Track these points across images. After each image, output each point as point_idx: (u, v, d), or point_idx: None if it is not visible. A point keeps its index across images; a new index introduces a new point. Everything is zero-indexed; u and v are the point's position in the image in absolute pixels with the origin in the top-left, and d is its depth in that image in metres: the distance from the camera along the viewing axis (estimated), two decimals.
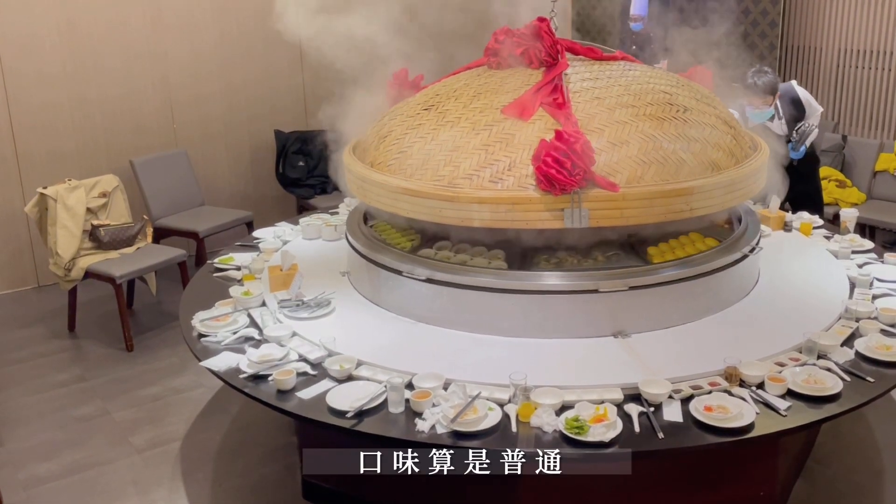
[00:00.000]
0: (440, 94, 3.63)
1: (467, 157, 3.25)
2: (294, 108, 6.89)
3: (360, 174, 3.55)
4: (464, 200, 3.17)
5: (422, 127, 3.47)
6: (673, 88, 3.52)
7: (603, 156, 3.14)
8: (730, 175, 3.31)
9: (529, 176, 3.14)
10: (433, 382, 2.85)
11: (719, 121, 3.51)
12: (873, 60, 6.94)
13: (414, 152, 3.39)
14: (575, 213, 3.08)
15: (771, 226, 4.27)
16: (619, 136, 3.23)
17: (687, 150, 3.26)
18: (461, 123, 3.37)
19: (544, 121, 3.27)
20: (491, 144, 3.25)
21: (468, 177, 3.20)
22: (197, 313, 3.50)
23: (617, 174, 3.13)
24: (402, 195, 3.32)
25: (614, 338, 3.17)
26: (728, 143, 3.43)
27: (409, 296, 3.40)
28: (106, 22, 5.92)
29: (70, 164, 5.90)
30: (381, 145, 3.58)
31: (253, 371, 3.02)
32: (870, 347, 3.06)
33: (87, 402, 4.39)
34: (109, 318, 5.31)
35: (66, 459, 3.88)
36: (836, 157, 6.22)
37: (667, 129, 3.29)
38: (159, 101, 6.26)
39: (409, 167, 3.37)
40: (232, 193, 6.68)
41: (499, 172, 3.18)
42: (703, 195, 3.21)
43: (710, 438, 2.59)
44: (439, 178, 3.25)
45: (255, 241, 4.43)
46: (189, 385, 4.53)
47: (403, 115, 3.63)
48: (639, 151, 3.19)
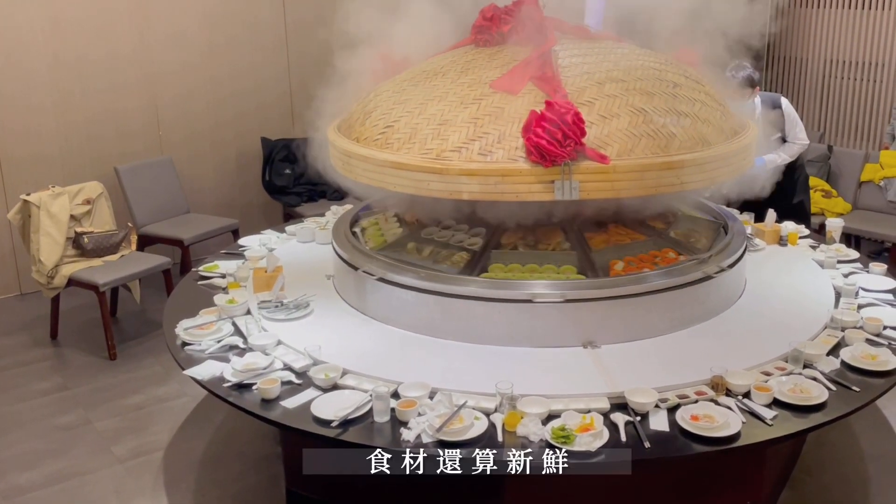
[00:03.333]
0: (427, 70, 3.58)
1: (456, 130, 3.20)
2: (281, 115, 6.88)
3: (345, 149, 3.47)
4: (452, 173, 3.11)
5: (409, 102, 3.41)
6: (662, 66, 3.50)
7: (593, 129, 3.10)
8: (721, 149, 3.28)
9: (519, 149, 3.09)
10: (419, 391, 2.83)
11: (709, 97, 3.49)
12: (859, 71, 6.99)
13: (401, 126, 3.33)
14: (565, 185, 3.03)
15: (766, 240, 4.27)
16: (610, 109, 3.19)
17: (677, 124, 3.24)
18: (449, 98, 3.32)
19: (534, 94, 3.23)
20: (480, 118, 3.20)
21: (457, 150, 3.15)
22: (181, 321, 3.47)
23: (607, 147, 3.10)
24: (389, 169, 3.25)
25: (583, 348, 3.16)
26: (718, 118, 3.41)
27: (394, 304, 3.38)
28: (92, 28, 5.88)
29: (54, 170, 5.85)
30: (367, 121, 3.50)
31: (237, 380, 2.99)
32: (855, 357, 3.07)
33: (68, 411, 4.34)
34: (92, 326, 5.26)
35: (48, 469, 3.84)
36: (821, 167, 6.25)
37: (657, 103, 3.26)
38: (145, 108, 6.22)
39: (395, 142, 3.31)
40: (218, 201, 6.64)
41: (488, 145, 3.13)
42: (694, 169, 3.18)
43: (696, 448, 2.59)
44: (427, 152, 3.19)
45: (240, 248, 4.40)
46: (172, 394, 4.49)
47: (390, 91, 3.57)
48: (629, 125, 3.16)
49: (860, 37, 6.93)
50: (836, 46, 7.11)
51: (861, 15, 6.91)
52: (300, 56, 6.79)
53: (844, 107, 7.17)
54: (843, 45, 7.06)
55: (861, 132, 7.10)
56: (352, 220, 4.00)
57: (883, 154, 6.07)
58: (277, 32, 6.71)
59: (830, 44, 7.15)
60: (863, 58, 6.95)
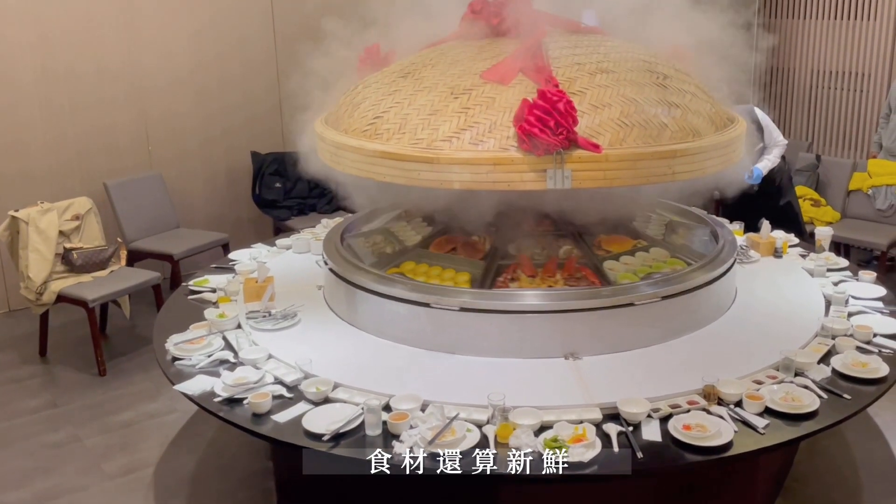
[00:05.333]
0: (416, 62, 3.56)
1: (446, 120, 3.17)
2: (271, 129, 6.87)
3: (334, 141, 3.43)
4: (444, 162, 3.07)
5: (398, 93, 3.39)
6: (652, 58, 3.49)
7: (585, 118, 3.09)
8: (713, 140, 3.27)
9: (511, 138, 3.07)
10: (411, 404, 2.81)
11: (699, 90, 3.49)
12: (845, 82, 7.04)
13: (390, 117, 3.30)
14: (557, 174, 3.01)
15: (760, 251, 4.27)
16: (601, 98, 3.18)
17: (668, 115, 3.23)
18: (439, 88, 3.30)
19: (525, 84, 3.21)
20: (471, 108, 3.18)
21: (447, 139, 3.12)
22: (171, 336, 3.45)
23: (599, 136, 3.08)
24: (379, 159, 3.21)
25: (565, 359, 3.15)
26: (708, 110, 3.41)
27: (385, 316, 3.38)
28: (80, 43, 5.87)
29: (42, 186, 5.82)
30: (356, 112, 3.47)
31: (228, 394, 2.97)
32: (846, 365, 3.07)
33: (58, 429, 4.31)
34: (82, 342, 5.22)
35: (37, 487, 3.79)
36: (810, 176, 6.28)
37: (648, 93, 3.25)
38: (134, 123, 6.21)
39: (385, 132, 3.27)
40: (207, 215, 6.62)
41: (479, 134, 3.11)
42: (686, 159, 3.17)
43: (689, 457, 2.58)
44: (417, 141, 3.16)
45: (230, 263, 4.38)
46: (163, 410, 4.46)
47: (378, 83, 3.54)
48: (620, 114, 3.14)
49: (847, 47, 6.98)
50: (822, 57, 7.17)
51: (847, 26, 6.97)
52: (289, 69, 6.78)
53: (832, 116, 7.22)
54: (829, 55, 7.12)
55: (848, 141, 7.14)
56: (343, 232, 4.00)
57: (871, 163, 6.11)
58: (266, 46, 6.71)
59: (817, 54, 7.20)
60: (849, 68, 7.01)
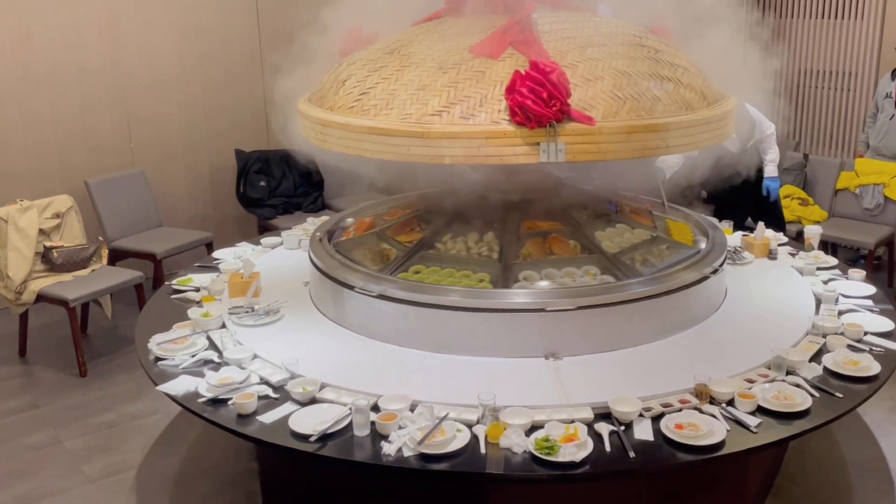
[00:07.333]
0: (402, 39, 3.48)
1: (436, 94, 3.10)
2: (255, 127, 6.80)
3: (319, 118, 3.33)
4: (434, 136, 2.99)
5: (385, 69, 3.31)
6: (642, 34, 3.45)
7: (577, 91, 3.04)
8: (706, 114, 3.23)
9: (503, 111, 3.00)
10: (400, 404, 2.77)
11: (690, 64, 3.45)
12: (833, 81, 7.06)
13: (377, 93, 3.22)
14: (551, 146, 2.95)
15: (755, 253, 4.24)
16: (593, 71, 3.13)
17: (660, 88, 3.19)
18: (427, 63, 3.22)
19: (515, 58, 3.14)
20: (460, 82, 3.11)
21: (437, 113, 3.05)
22: (154, 336, 3.40)
23: (592, 109, 3.02)
24: (367, 135, 3.13)
25: (545, 359, 3.12)
26: (700, 84, 3.38)
27: (373, 315, 3.33)
28: (62, 39, 5.79)
29: (22, 184, 5.73)
30: (341, 90, 3.39)
31: (212, 395, 2.92)
32: (837, 363, 3.06)
33: (38, 430, 4.23)
34: (62, 342, 5.15)
35: (17, 490, 3.73)
36: (797, 175, 6.29)
37: (640, 67, 3.20)
38: (116, 121, 6.13)
39: (372, 108, 3.19)
40: (191, 214, 6.55)
41: (470, 108, 3.04)
42: (679, 132, 3.12)
43: (681, 456, 2.56)
44: (406, 117, 3.09)
45: (214, 261, 4.32)
46: (145, 411, 4.39)
47: (364, 60, 3.46)
48: (613, 87, 3.09)
49: (833, 46, 7.00)
50: (809, 56, 7.18)
51: (834, 25, 6.98)
52: (274, 66, 6.71)
53: (819, 116, 7.23)
54: (816, 54, 7.13)
55: (836, 141, 7.16)
56: (329, 231, 3.95)
57: (858, 162, 6.12)
58: (251, 44, 6.64)
59: (804, 53, 7.21)
60: (836, 67, 7.02)
